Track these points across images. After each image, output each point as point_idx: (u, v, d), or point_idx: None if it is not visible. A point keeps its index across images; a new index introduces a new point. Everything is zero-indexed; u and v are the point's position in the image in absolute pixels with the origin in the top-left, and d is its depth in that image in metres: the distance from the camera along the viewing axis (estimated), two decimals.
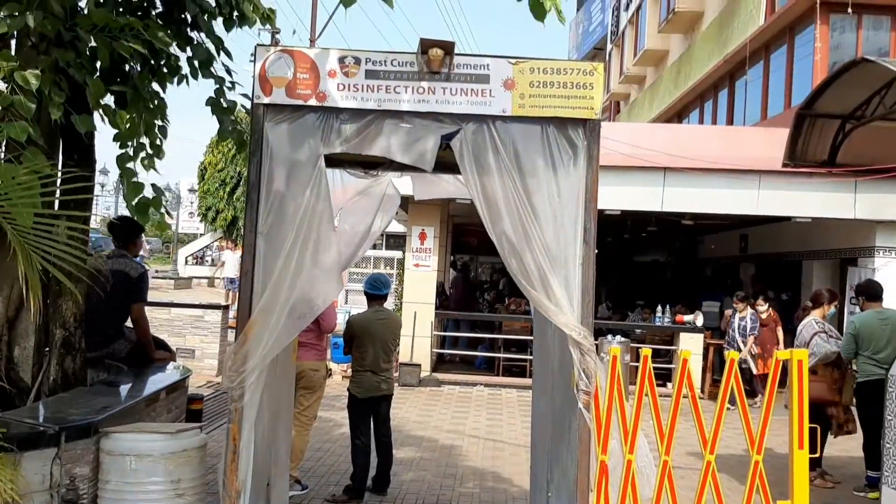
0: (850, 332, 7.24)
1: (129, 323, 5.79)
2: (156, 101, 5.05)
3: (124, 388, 5.11)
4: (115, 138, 4.83)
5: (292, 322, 3.74)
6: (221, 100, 5.29)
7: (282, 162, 3.70)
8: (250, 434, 3.71)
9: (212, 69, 5.25)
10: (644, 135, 12.50)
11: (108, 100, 4.81)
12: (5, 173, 3.86)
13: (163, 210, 5.12)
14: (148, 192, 4.78)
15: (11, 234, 3.88)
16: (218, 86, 5.28)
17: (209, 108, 5.31)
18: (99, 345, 5.39)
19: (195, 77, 5.24)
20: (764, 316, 11.80)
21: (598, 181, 3.79)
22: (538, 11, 3.79)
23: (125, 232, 5.78)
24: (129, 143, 4.84)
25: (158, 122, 5.07)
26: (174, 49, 5.08)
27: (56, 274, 4.03)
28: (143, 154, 4.92)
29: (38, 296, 3.97)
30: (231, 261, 19.01)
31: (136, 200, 4.71)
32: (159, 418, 4.85)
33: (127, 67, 4.82)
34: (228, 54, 5.42)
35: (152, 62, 5.00)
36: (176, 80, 5.21)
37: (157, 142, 5.05)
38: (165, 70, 5.13)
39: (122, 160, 4.82)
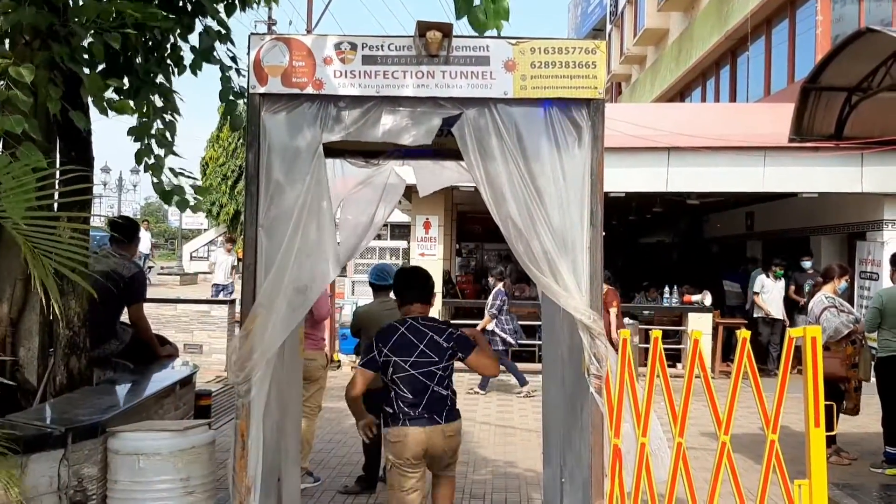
0: (876, 305, 7.14)
1: (124, 321, 5.73)
2: (165, 94, 5.03)
3: (131, 387, 5.07)
4: (129, 132, 4.82)
5: (291, 313, 3.68)
6: (230, 87, 5.26)
7: (280, 152, 3.63)
8: (259, 429, 3.66)
9: (215, 55, 5.20)
10: (647, 115, 12.41)
11: (110, 94, 4.78)
12: None
13: (189, 195, 5.08)
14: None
15: (12, 230, 3.82)
16: (224, 73, 5.23)
17: (219, 100, 5.32)
18: (91, 346, 5.33)
19: (199, 67, 5.19)
20: None
21: (604, 162, 3.72)
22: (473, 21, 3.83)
23: (126, 232, 5.65)
24: (145, 138, 4.84)
25: (168, 117, 5.05)
26: (173, 37, 5.04)
27: (63, 271, 3.96)
28: (154, 151, 4.93)
29: (55, 290, 3.89)
30: (222, 263, 17.79)
31: (165, 191, 4.76)
32: (167, 416, 4.82)
33: (129, 59, 4.77)
34: (231, 41, 5.36)
35: (155, 53, 4.97)
36: (177, 70, 5.17)
37: (169, 137, 5.04)
38: (169, 61, 5.10)
39: (140, 155, 4.81)
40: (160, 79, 5.03)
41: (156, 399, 4.70)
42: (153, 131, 4.90)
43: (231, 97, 5.27)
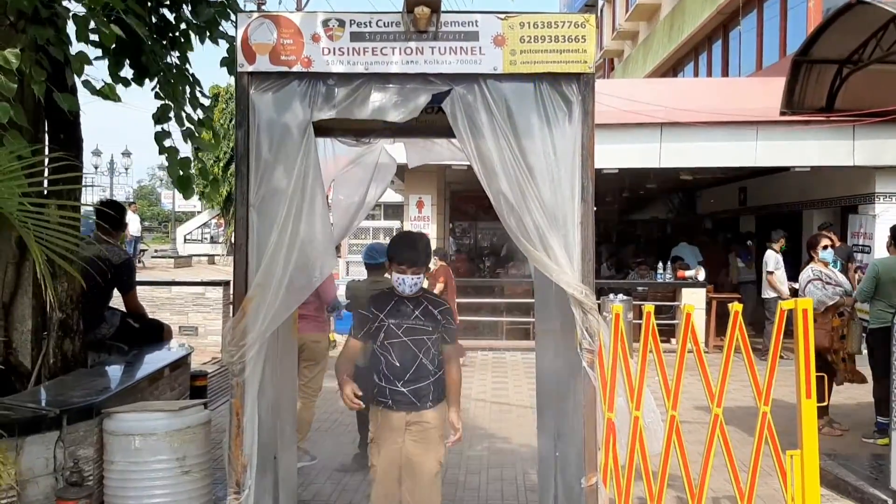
0: (871, 275, 7.17)
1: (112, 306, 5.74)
2: (184, 73, 5.07)
3: (125, 368, 5.08)
4: (156, 115, 4.90)
5: (290, 295, 3.68)
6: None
7: (270, 131, 3.61)
8: (253, 408, 3.68)
9: (220, 28, 5.20)
10: (639, 91, 12.37)
11: (126, 73, 4.87)
12: None
13: (211, 178, 5.14)
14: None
15: (7, 215, 3.79)
16: (229, 45, 5.24)
17: (224, 69, 5.33)
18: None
19: (202, 41, 5.21)
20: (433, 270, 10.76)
21: (595, 138, 3.71)
22: None
23: (113, 217, 5.61)
24: (167, 120, 4.89)
25: (201, 96, 5.16)
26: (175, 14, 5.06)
27: (52, 256, 3.94)
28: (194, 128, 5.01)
29: (48, 274, 3.87)
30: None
31: (180, 176, 4.75)
32: (162, 396, 4.83)
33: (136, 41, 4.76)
34: (235, 12, 5.35)
35: (168, 33, 4.98)
36: (185, 47, 5.21)
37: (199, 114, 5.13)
38: (182, 40, 5.12)
39: (159, 137, 4.85)
40: (174, 60, 5.06)
41: (150, 380, 4.71)
42: (179, 117, 4.94)
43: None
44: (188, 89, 5.16)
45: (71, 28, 4.45)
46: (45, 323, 4.74)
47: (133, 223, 24.46)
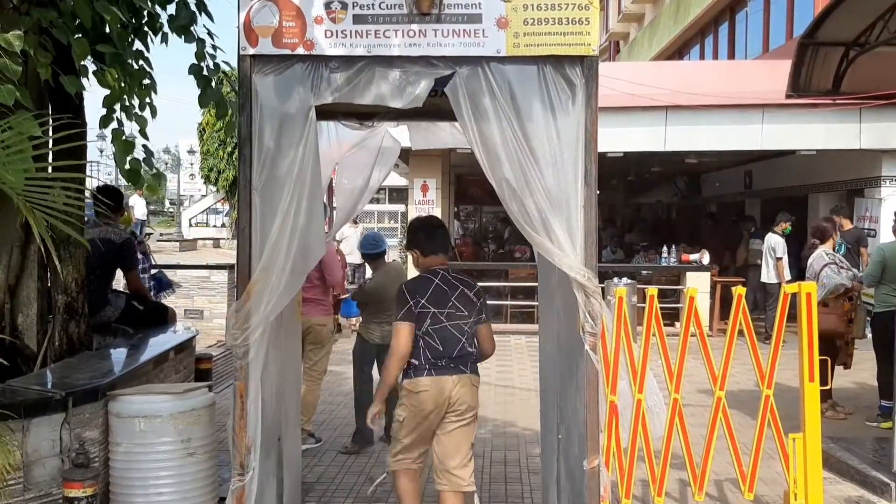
0: (878, 259, 7.15)
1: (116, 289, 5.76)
2: (140, 61, 4.99)
3: (130, 351, 5.11)
4: (105, 101, 4.77)
5: (293, 278, 3.69)
6: (203, 64, 5.20)
7: (272, 115, 3.60)
8: (257, 391, 3.69)
9: (193, 31, 5.14)
10: (645, 73, 12.31)
11: (89, 61, 4.75)
12: None
13: (154, 171, 5.00)
14: (137, 153, 4.75)
15: (13, 195, 3.78)
16: (198, 49, 5.17)
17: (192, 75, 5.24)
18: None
19: (179, 35, 5.15)
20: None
21: (599, 122, 3.70)
22: None
23: (111, 200, 5.61)
24: (116, 106, 4.79)
25: (146, 81, 5.00)
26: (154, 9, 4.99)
27: (64, 228, 3.92)
28: (134, 113, 4.88)
29: (54, 253, 3.85)
30: (349, 238, 15.27)
31: (128, 162, 4.66)
32: (167, 379, 4.86)
33: (107, 28, 4.73)
34: (210, 16, 5.31)
35: (133, 21, 4.92)
36: (159, 38, 5.14)
37: (147, 100, 4.99)
38: (146, 29, 5.05)
39: (105, 121, 4.75)
40: (137, 45, 5.00)
41: (155, 363, 4.74)
42: (129, 103, 4.86)
43: (202, 77, 5.20)
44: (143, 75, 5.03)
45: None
46: (51, 306, 4.76)
47: (139, 207, 24.45)
